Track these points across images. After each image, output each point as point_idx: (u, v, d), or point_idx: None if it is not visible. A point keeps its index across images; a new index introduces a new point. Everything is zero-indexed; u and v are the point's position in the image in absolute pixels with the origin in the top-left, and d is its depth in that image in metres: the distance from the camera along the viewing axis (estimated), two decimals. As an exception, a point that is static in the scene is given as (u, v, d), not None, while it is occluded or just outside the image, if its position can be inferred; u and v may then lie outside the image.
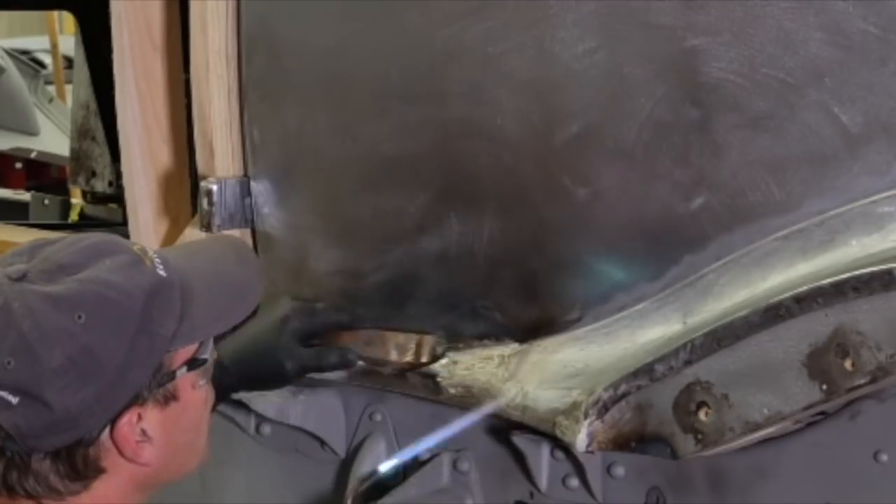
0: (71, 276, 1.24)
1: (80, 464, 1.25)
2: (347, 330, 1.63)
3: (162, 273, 1.28)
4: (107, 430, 1.25)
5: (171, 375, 1.29)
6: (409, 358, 1.59)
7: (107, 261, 1.26)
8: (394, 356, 1.59)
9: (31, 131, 5.27)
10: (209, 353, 1.34)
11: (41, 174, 5.13)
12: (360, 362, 1.62)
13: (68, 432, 1.23)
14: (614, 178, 1.42)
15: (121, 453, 1.27)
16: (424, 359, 1.59)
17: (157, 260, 1.29)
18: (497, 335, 1.57)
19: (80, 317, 1.21)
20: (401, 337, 1.60)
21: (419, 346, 1.59)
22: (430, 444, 1.63)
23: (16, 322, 1.20)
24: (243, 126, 1.75)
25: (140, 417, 1.27)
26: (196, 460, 1.39)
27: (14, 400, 1.20)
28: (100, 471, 1.27)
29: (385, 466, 1.64)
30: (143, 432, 1.27)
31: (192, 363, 1.31)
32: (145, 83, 1.91)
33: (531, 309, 1.54)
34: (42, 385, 1.20)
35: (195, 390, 1.33)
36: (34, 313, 1.21)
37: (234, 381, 1.57)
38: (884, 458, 1.34)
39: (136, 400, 1.26)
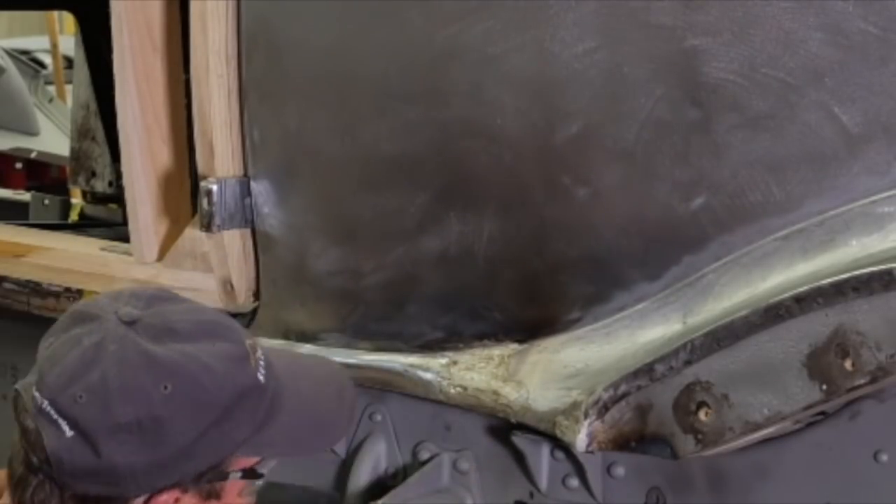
0: (177, 342, 1.21)
1: None
2: None
3: (261, 378, 1.25)
4: (141, 500, 1.22)
5: (223, 476, 1.26)
6: None
7: (217, 343, 1.23)
8: None
9: (31, 131, 5.26)
10: (267, 470, 1.32)
11: (41, 174, 5.12)
12: None
13: (105, 486, 1.20)
14: (614, 178, 1.42)
15: None
16: None
17: (262, 363, 1.27)
18: (497, 335, 1.57)
19: (166, 387, 1.19)
20: None
21: None
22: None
23: (103, 363, 1.18)
24: (243, 126, 1.74)
25: (177, 501, 1.24)
26: None
27: (69, 433, 1.18)
28: None
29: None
30: None
31: (248, 473, 1.29)
32: (145, 83, 1.91)
33: (531, 309, 1.54)
34: (100, 432, 1.17)
35: (239, 498, 1.30)
36: (124, 364, 1.18)
37: None
38: (884, 458, 1.34)
39: (181, 484, 1.23)
